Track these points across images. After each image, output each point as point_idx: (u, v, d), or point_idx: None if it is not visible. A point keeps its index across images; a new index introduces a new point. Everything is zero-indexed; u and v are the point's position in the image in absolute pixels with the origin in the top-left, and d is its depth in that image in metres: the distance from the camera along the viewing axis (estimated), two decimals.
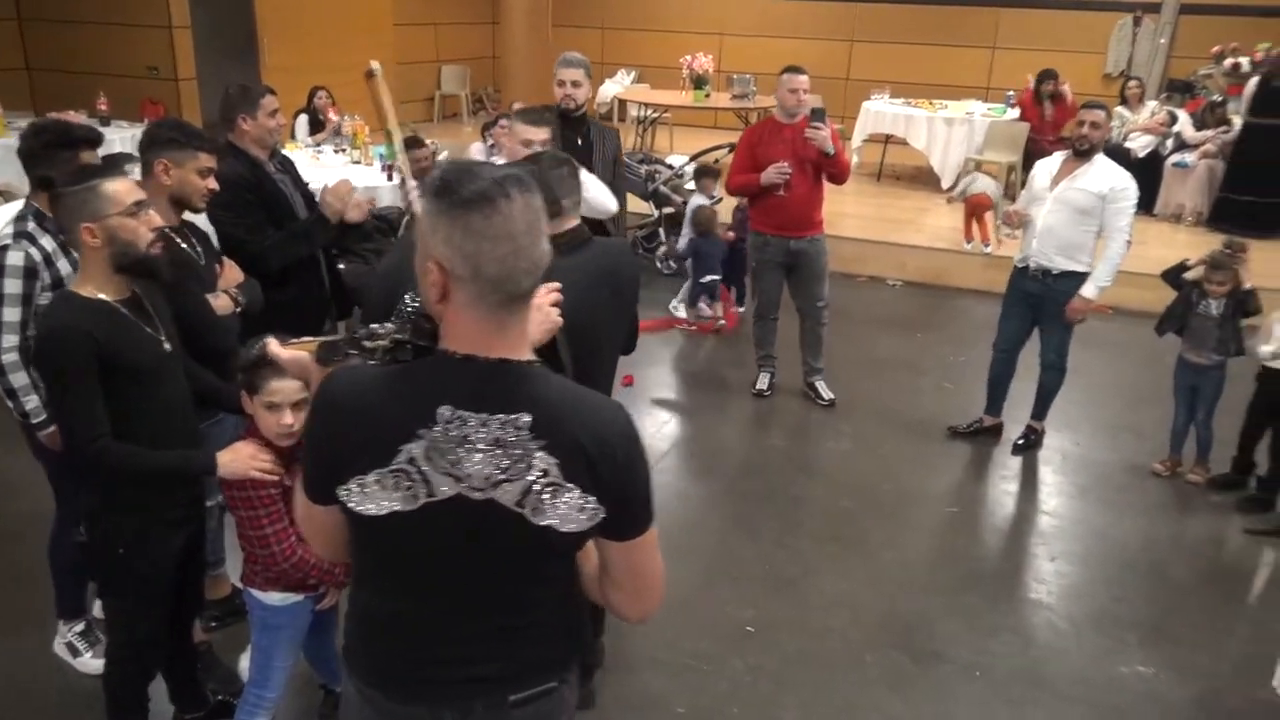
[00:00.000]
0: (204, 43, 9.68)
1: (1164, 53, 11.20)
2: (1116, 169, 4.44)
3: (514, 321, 1.37)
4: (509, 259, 1.30)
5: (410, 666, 1.50)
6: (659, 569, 1.53)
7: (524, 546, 1.39)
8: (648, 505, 1.46)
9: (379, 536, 1.43)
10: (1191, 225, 8.66)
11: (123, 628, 2.51)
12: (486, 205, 1.28)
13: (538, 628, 1.51)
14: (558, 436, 1.35)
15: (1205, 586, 3.83)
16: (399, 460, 1.35)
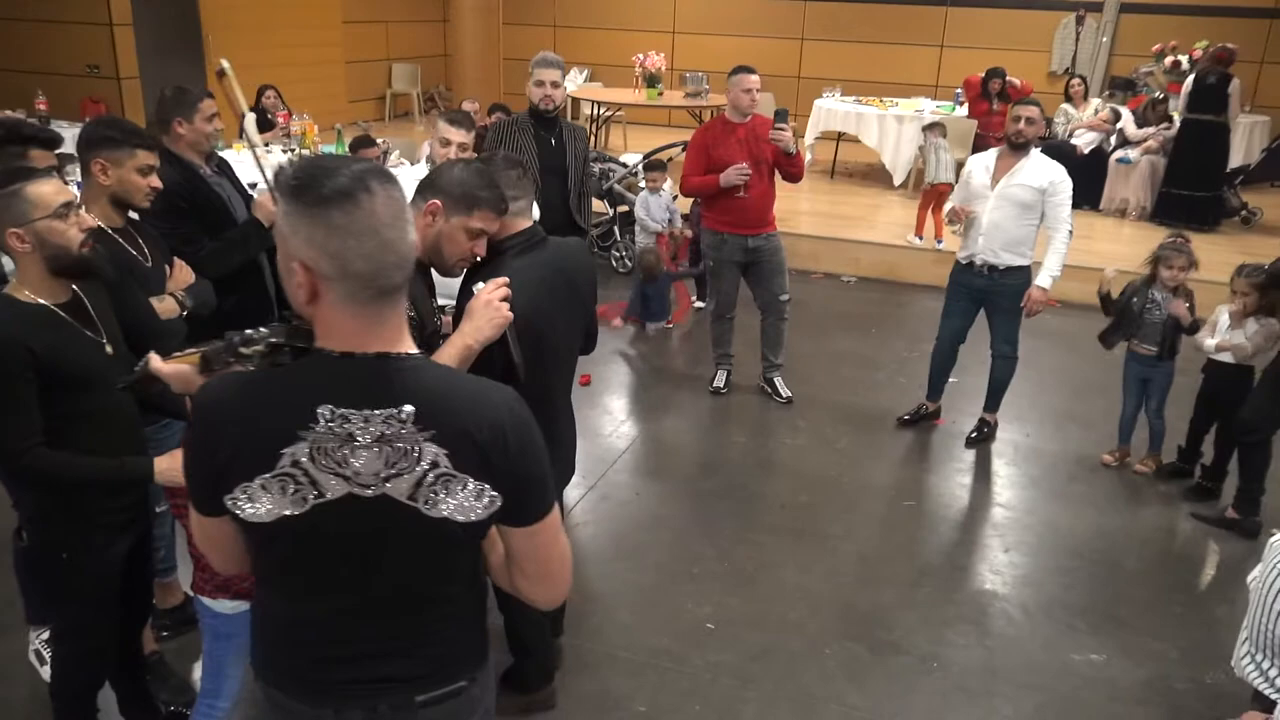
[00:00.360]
0: (147, 41, 9.48)
1: (1106, 51, 11.44)
2: (1051, 162, 4.55)
3: (389, 315, 1.35)
4: (376, 254, 1.28)
5: (315, 668, 1.48)
6: (564, 552, 1.53)
7: (423, 540, 1.39)
8: (546, 489, 1.46)
9: (273, 542, 1.40)
10: (1135, 220, 8.87)
11: (68, 636, 2.46)
12: (347, 201, 1.26)
13: (444, 625, 1.50)
14: (444, 426, 1.34)
15: (1154, 574, 3.91)
16: (282, 464, 1.33)
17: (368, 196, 1.27)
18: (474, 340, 2.15)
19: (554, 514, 1.48)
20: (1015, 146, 4.50)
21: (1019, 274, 4.58)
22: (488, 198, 2.24)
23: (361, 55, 12.28)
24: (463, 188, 2.21)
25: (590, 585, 3.65)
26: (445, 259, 2.25)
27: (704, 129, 5.18)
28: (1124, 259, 7.65)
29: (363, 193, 1.27)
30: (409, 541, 1.39)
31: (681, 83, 10.62)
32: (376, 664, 1.47)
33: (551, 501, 1.47)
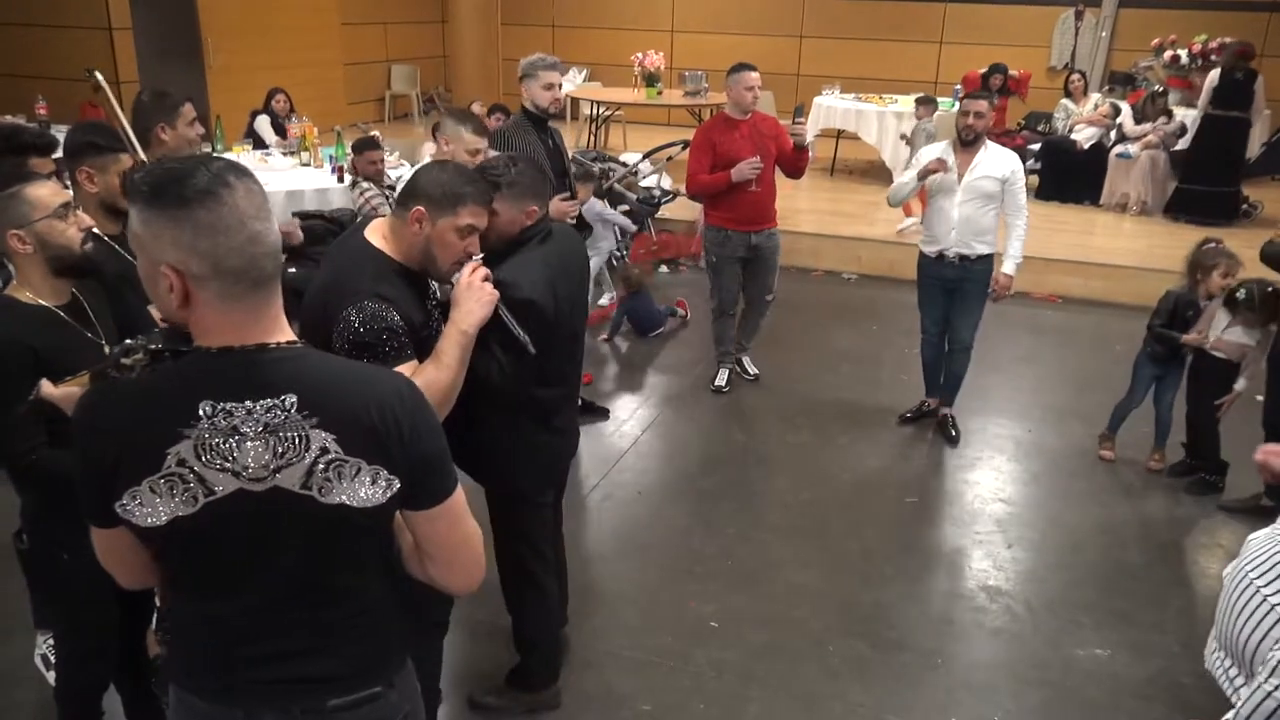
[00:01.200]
0: (146, 45, 9.48)
1: (1105, 46, 11.43)
2: (1006, 151, 4.65)
3: (265, 305, 1.34)
4: (247, 247, 1.28)
5: (225, 669, 1.47)
6: (470, 536, 1.51)
7: (322, 529, 1.38)
8: (444, 471, 1.45)
9: (170, 545, 1.39)
10: (1136, 215, 8.86)
11: (71, 637, 2.46)
12: (210, 199, 1.25)
13: (356, 624, 1.48)
14: (330, 411, 1.34)
15: (1157, 568, 3.91)
16: (168, 465, 1.31)
17: (229, 192, 1.26)
18: (467, 325, 2.15)
19: (456, 497, 1.47)
20: (966, 142, 4.55)
21: (987, 261, 4.69)
22: (472, 192, 2.20)
23: (360, 57, 12.28)
24: (443, 188, 2.17)
25: (594, 584, 3.66)
26: (439, 264, 2.21)
27: (706, 127, 5.18)
28: (1124, 254, 7.68)
29: (223, 189, 1.26)
30: (307, 533, 1.38)
31: (680, 82, 10.61)
32: (286, 665, 1.45)
33: (452, 484, 1.46)
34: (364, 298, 2.05)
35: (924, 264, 4.82)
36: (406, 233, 2.17)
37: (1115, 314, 6.98)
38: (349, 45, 11.97)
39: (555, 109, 4.43)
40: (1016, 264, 4.67)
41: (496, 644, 3.12)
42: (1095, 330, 6.69)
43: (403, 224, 2.18)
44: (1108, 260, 7.44)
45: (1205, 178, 8.48)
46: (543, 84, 4.39)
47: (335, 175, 6.42)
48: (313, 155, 6.91)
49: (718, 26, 12.63)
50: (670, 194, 7.56)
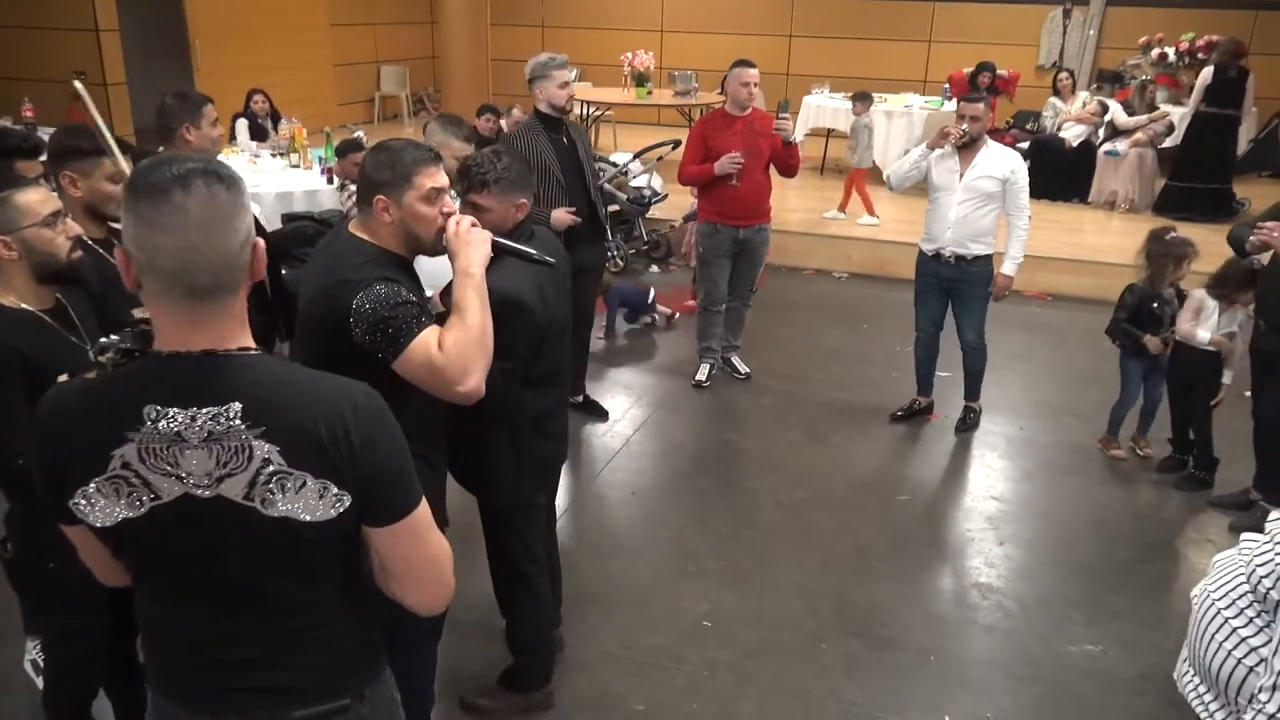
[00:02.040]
0: (134, 46, 9.44)
1: (1093, 44, 11.48)
2: (1008, 151, 4.66)
3: (210, 315, 1.31)
4: (181, 253, 1.25)
5: (190, 673, 1.46)
6: (435, 554, 1.47)
7: (268, 541, 1.35)
8: (403, 486, 1.40)
9: (122, 546, 1.40)
10: (1125, 212, 8.89)
11: (59, 644, 2.44)
12: (159, 195, 1.24)
13: (321, 633, 1.45)
14: (275, 422, 1.30)
15: (1148, 565, 3.93)
16: (113, 466, 1.31)
17: (183, 194, 1.24)
18: (473, 266, 2.10)
19: (418, 514, 1.42)
20: (962, 146, 4.56)
21: (984, 262, 4.68)
22: (417, 155, 2.15)
23: (349, 58, 12.25)
24: (391, 166, 2.12)
25: (587, 585, 3.65)
26: (423, 238, 2.17)
27: (704, 120, 5.28)
28: (1113, 251, 7.70)
29: (177, 190, 1.24)
30: (253, 543, 1.35)
31: (670, 81, 10.62)
32: (250, 673, 1.44)
33: (414, 501, 1.41)
34: (370, 283, 2.04)
35: (922, 262, 4.84)
36: (380, 224, 2.14)
37: (1105, 311, 6.93)
38: (338, 46, 11.94)
39: (570, 106, 4.52)
40: (1016, 264, 4.68)
41: (489, 645, 3.12)
42: (1086, 327, 6.70)
43: (373, 219, 2.15)
44: (1097, 258, 7.47)
45: (1197, 174, 8.52)
46: (558, 83, 4.42)
47: (325, 177, 6.40)
48: (302, 157, 6.89)
49: (707, 26, 12.64)
50: (661, 194, 7.55)
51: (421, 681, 2.55)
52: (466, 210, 2.44)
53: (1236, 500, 4.28)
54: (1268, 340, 3.95)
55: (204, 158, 1.31)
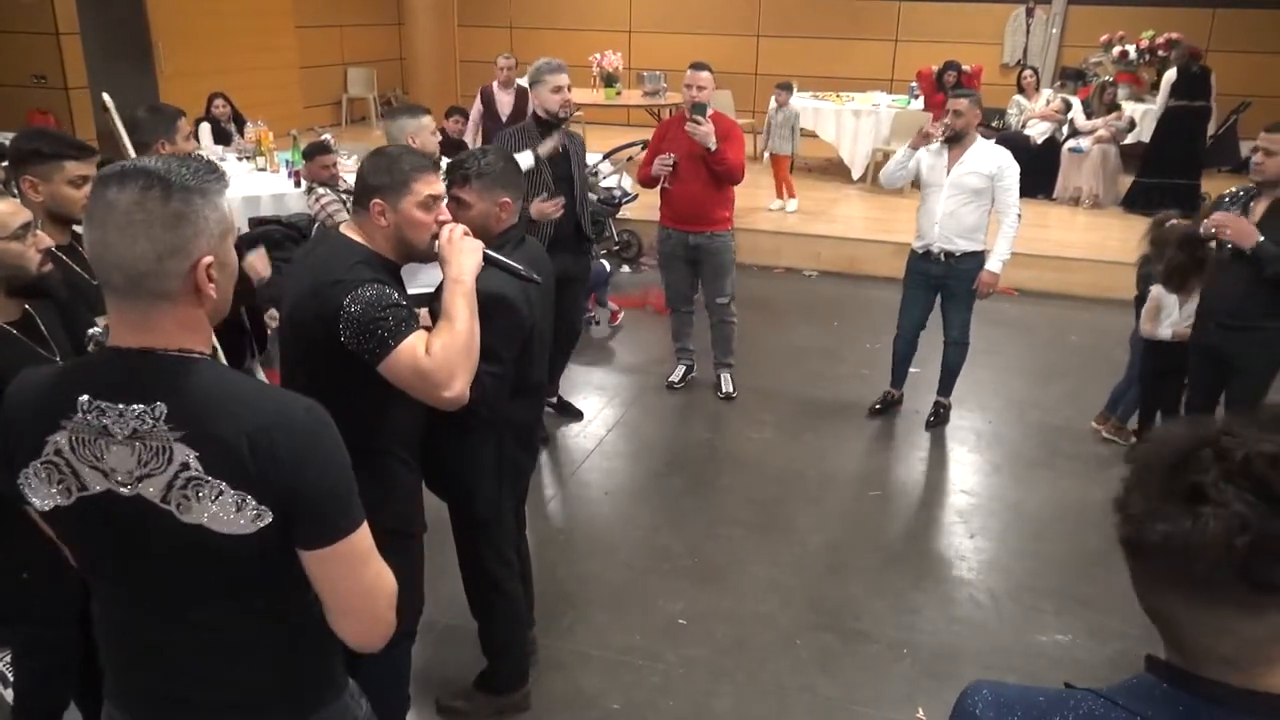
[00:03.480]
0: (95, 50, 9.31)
1: (1056, 42, 11.62)
2: (997, 148, 4.66)
3: (141, 315, 1.30)
4: (96, 245, 1.28)
5: (124, 673, 1.46)
6: (370, 586, 1.39)
7: (186, 549, 1.32)
8: (335, 509, 1.33)
9: (58, 531, 1.41)
10: (1089, 208, 9.02)
11: (31, 657, 2.41)
12: (99, 187, 1.28)
13: (254, 651, 1.41)
14: (197, 427, 1.29)
15: (1115, 554, 3.90)
16: (48, 452, 1.32)
17: (117, 190, 1.25)
18: (464, 274, 2.11)
19: (353, 540, 1.35)
20: (949, 141, 4.59)
21: (974, 259, 4.69)
22: (416, 163, 2.18)
23: (316, 60, 12.16)
24: (389, 171, 2.14)
25: (562, 585, 3.65)
26: (416, 244, 2.18)
27: (663, 123, 5.27)
28: (1078, 247, 7.82)
29: (114, 185, 1.26)
30: (172, 549, 1.33)
31: (639, 82, 10.63)
32: (184, 684, 1.42)
33: (349, 527, 1.34)
34: (358, 284, 2.04)
35: (912, 261, 4.86)
36: (375, 228, 2.16)
37: (1071, 305, 7.11)
38: (304, 48, 11.85)
39: (566, 112, 4.44)
40: (1002, 262, 4.66)
41: (463, 647, 3.11)
42: (1051, 322, 6.80)
43: (368, 221, 2.16)
44: (1062, 253, 7.57)
45: (1165, 170, 8.61)
46: (550, 88, 4.39)
47: (292, 180, 6.35)
48: (268, 160, 6.83)
49: (675, 26, 12.66)
50: (631, 194, 7.56)
51: (395, 683, 2.54)
52: (450, 204, 2.44)
53: None
54: (1217, 337, 3.97)
55: (172, 161, 1.30)
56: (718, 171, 4.82)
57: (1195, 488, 0.86)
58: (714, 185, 4.92)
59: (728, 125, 4.92)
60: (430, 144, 3.69)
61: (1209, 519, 0.85)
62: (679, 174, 4.89)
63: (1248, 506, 0.84)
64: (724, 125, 4.88)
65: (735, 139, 4.90)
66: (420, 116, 3.70)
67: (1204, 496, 0.86)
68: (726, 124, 4.92)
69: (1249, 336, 3.89)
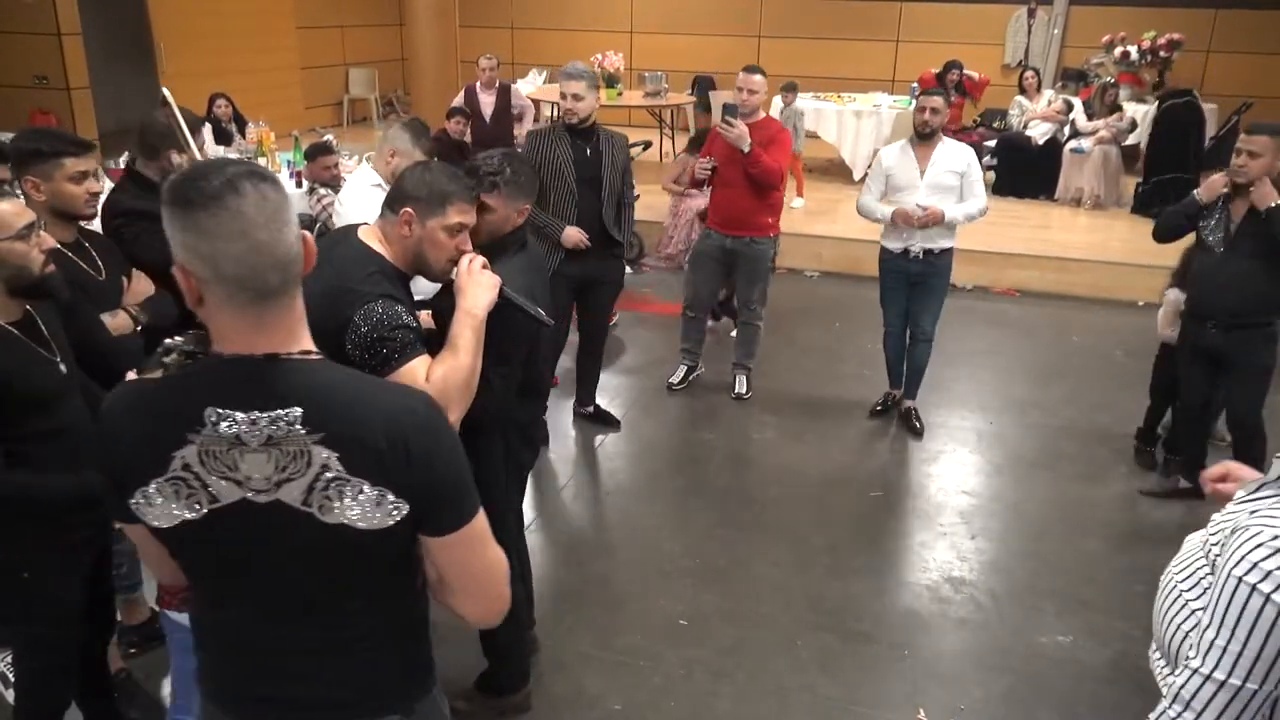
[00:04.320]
0: (97, 50, 9.32)
1: (1057, 43, 11.63)
2: (960, 145, 4.73)
3: (275, 317, 1.30)
4: (247, 257, 1.24)
5: (237, 680, 1.46)
6: (492, 565, 1.45)
7: (325, 549, 1.34)
8: (461, 496, 1.39)
9: (181, 547, 1.40)
10: (1090, 209, 9.01)
11: (32, 657, 2.41)
12: (213, 204, 1.23)
13: (369, 646, 1.44)
14: (335, 428, 1.29)
15: (1116, 554, 3.98)
16: (174, 468, 1.31)
17: (236, 198, 1.23)
18: (477, 308, 2.15)
19: (475, 524, 1.40)
20: (923, 136, 4.61)
21: (948, 254, 4.76)
22: (457, 190, 2.22)
23: (317, 61, 12.17)
24: (430, 187, 2.19)
25: (563, 586, 3.65)
26: (431, 264, 2.22)
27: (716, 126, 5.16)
28: (1080, 248, 7.81)
29: (230, 195, 1.23)
30: (310, 551, 1.34)
31: (640, 82, 10.62)
32: (295, 682, 1.43)
33: (470, 511, 1.40)
34: (371, 299, 2.06)
35: (887, 259, 4.86)
36: (397, 235, 2.19)
37: (1072, 306, 7.11)
38: (305, 49, 11.86)
39: (569, 119, 4.39)
40: (952, 215, 4.56)
41: (465, 648, 3.10)
42: (1053, 323, 6.80)
43: (393, 227, 2.19)
44: (1064, 254, 7.57)
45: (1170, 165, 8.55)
46: (558, 94, 4.40)
47: (294, 181, 6.36)
48: (270, 160, 6.84)
49: (676, 27, 12.67)
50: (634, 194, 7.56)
51: None
52: None
53: (1165, 489, 4.37)
54: (1215, 338, 3.98)
55: (239, 160, 1.31)
56: (752, 174, 4.78)
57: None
58: (753, 189, 4.86)
59: (775, 130, 4.90)
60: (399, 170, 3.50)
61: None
62: (721, 177, 4.89)
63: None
64: (770, 130, 4.86)
65: (779, 144, 4.85)
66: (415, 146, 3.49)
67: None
68: (774, 128, 4.90)
69: (1250, 334, 3.90)
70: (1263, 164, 3.71)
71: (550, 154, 4.40)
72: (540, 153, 4.43)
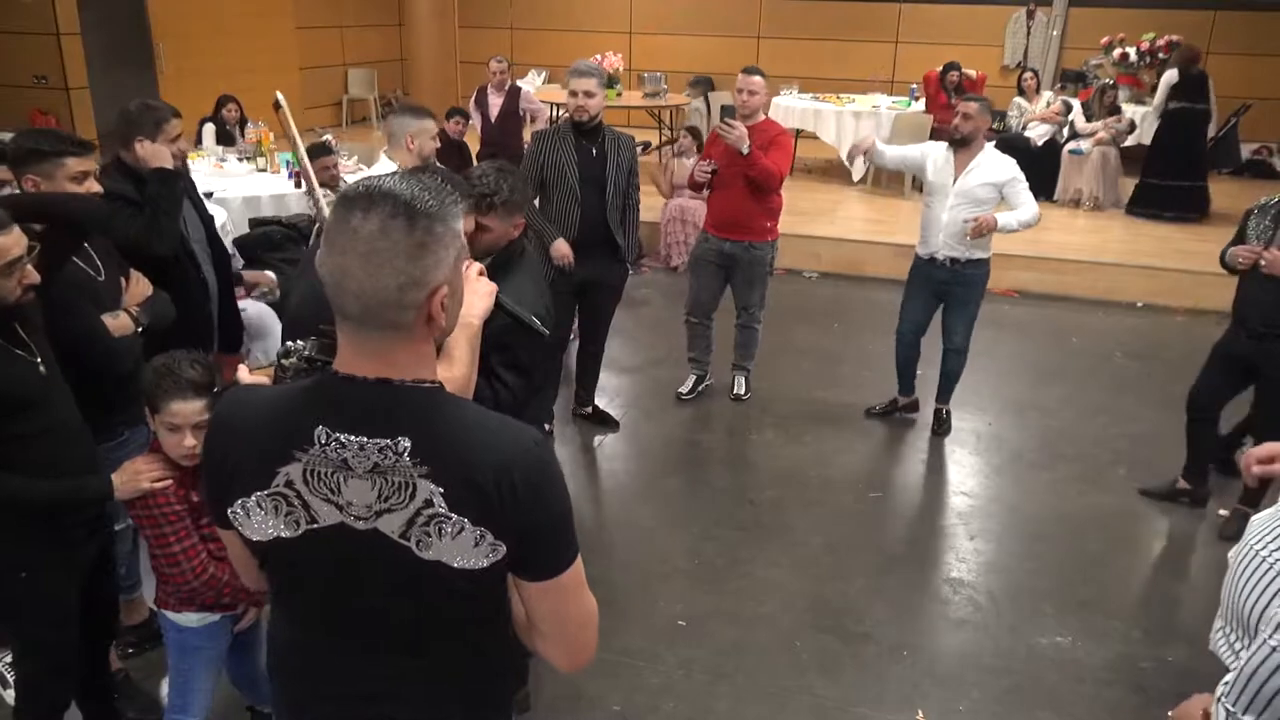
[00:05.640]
0: (96, 50, 9.31)
1: (1056, 44, 11.64)
2: (1003, 157, 4.58)
3: (375, 344, 1.26)
4: (335, 272, 1.22)
5: (314, 698, 1.45)
6: (585, 613, 1.41)
7: (416, 583, 1.30)
8: (563, 542, 1.34)
9: (270, 562, 1.38)
10: (1089, 210, 9.02)
11: (30, 657, 2.41)
12: (343, 210, 1.22)
13: (449, 676, 1.42)
14: (442, 463, 1.26)
15: (1114, 555, 3.99)
16: (277, 483, 1.29)
17: (361, 217, 1.21)
18: (473, 317, 2.11)
19: (572, 571, 1.36)
20: (957, 143, 4.54)
21: (980, 265, 4.64)
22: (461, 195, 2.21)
23: (316, 61, 12.16)
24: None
25: None
26: None
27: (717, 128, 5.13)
28: (1079, 249, 7.81)
29: (358, 211, 1.21)
30: (402, 583, 1.30)
31: (640, 83, 10.62)
32: (369, 706, 1.41)
33: (570, 557, 1.35)
34: None
35: (916, 265, 4.80)
36: None
37: (1071, 307, 7.12)
38: (305, 49, 11.85)
39: (580, 117, 4.36)
40: (1006, 223, 4.44)
41: None
42: (1052, 324, 6.80)
43: None
44: (1063, 255, 7.57)
45: (1168, 172, 8.56)
46: (569, 91, 4.37)
47: (292, 181, 6.35)
48: (269, 161, 6.83)
49: (675, 28, 12.68)
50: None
51: None
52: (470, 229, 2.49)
53: (1164, 490, 4.36)
54: (1247, 346, 3.95)
55: (415, 184, 1.26)
56: (750, 176, 4.71)
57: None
58: (753, 193, 4.80)
59: (775, 132, 4.84)
60: (428, 148, 3.65)
61: None
62: (721, 180, 4.84)
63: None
64: (771, 132, 4.80)
65: (779, 146, 4.79)
66: (423, 119, 3.67)
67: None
68: (774, 130, 4.84)
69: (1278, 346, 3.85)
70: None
71: (554, 153, 4.39)
72: (544, 152, 4.42)
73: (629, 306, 6.73)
